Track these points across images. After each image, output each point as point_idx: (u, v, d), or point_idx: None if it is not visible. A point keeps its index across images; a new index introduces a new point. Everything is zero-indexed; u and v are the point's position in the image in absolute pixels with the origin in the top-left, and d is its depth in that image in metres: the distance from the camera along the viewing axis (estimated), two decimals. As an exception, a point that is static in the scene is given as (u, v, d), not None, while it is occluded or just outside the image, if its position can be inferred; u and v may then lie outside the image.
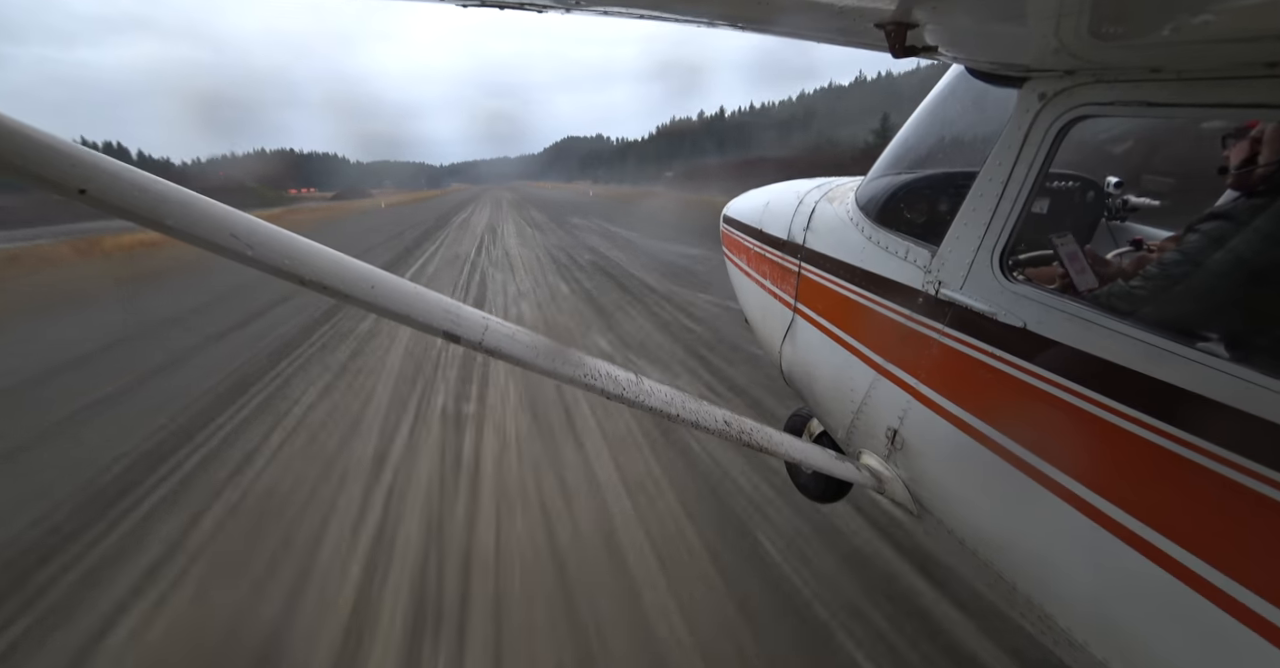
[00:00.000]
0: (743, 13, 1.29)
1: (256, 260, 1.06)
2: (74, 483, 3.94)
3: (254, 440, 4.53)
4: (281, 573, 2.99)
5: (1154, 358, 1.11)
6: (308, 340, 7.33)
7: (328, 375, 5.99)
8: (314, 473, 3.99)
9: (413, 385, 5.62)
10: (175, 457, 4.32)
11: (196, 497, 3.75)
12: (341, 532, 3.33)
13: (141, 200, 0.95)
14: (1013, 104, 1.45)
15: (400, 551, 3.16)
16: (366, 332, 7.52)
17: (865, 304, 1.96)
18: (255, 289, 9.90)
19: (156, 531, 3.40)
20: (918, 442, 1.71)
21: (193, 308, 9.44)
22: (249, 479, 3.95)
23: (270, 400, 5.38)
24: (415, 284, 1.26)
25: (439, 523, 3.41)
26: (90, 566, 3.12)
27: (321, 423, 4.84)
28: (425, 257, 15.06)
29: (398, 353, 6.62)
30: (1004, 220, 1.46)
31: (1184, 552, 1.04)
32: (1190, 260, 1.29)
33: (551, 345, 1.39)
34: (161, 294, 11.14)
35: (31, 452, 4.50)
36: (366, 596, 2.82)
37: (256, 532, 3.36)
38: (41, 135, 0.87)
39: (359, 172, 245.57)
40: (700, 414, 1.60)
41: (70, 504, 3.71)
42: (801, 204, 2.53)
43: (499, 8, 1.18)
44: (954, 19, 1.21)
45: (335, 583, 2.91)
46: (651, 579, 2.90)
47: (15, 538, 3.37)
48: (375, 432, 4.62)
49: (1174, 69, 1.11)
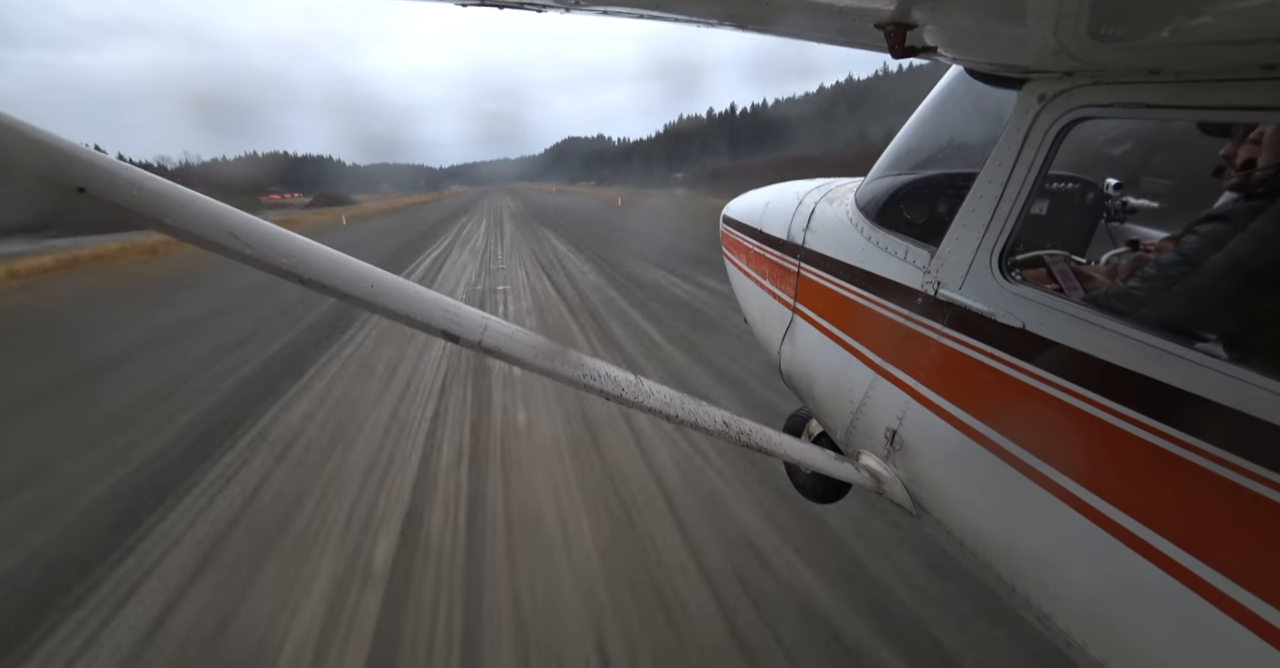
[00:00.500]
0: (743, 13, 1.29)
1: (255, 259, 1.05)
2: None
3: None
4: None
5: (1152, 359, 1.11)
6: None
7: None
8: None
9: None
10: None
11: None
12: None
13: (139, 199, 0.95)
14: (1012, 105, 1.45)
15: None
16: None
17: (864, 304, 1.96)
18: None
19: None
20: (916, 442, 1.71)
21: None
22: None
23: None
24: (414, 283, 1.26)
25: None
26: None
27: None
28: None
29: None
30: (1003, 221, 1.46)
31: (1182, 553, 1.04)
32: (1188, 262, 1.29)
33: (550, 346, 1.39)
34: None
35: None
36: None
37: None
38: (40, 134, 0.86)
39: (355, 175, 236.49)
40: (699, 415, 1.60)
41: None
42: (801, 204, 2.53)
43: (498, 7, 1.18)
44: (953, 20, 1.21)
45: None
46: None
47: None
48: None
49: (1173, 71, 1.11)
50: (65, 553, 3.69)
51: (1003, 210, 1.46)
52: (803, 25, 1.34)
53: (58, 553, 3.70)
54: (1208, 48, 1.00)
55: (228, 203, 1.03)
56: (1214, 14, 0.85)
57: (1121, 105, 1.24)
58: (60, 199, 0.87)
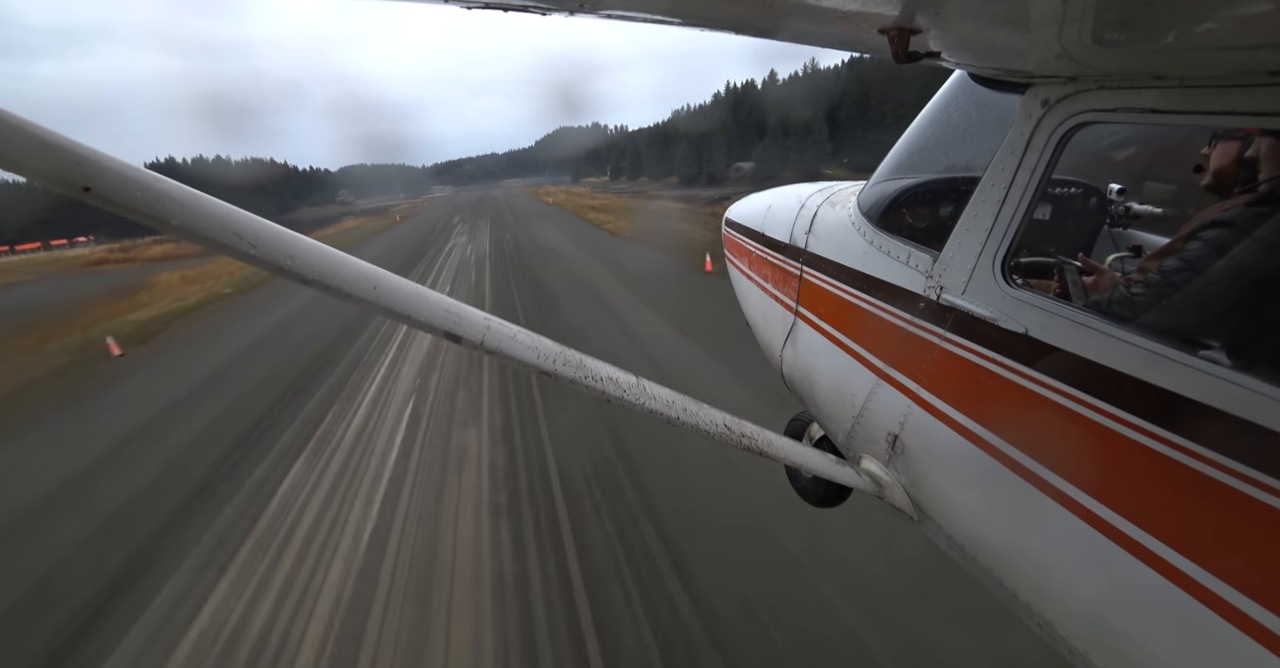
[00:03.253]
0: (747, 18, 1.29)
1: (259, 259, 1.06)
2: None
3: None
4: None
5: (1156, 365, 1.10)
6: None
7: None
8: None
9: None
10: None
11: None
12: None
13: (144, 198, 0.95)
14: (1015, 110, 1.45)
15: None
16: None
17: (867, 308, 1.96)
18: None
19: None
20: (918, 447, 1.71)
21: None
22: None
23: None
24: (417, 284, 1.26)
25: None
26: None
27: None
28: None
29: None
30: (1006, 226, 1.46)
31: (1186, 561, 1.03)
32: (1192, 268, 1.28)
33: (553, 346, 1.39)
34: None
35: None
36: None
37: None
38: (46, 133, 0.87)
39: (324, 181, 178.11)
40: (700, 417, 1.60)
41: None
42: (804, 208, 2.53)
43: (503, 9, 1.18)
44: (956, 25, 1.22)
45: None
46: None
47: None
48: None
49: (1177, 76, 1.11)
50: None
51: (1005, 215, 1.46)
52: (806, 31, 1.34)
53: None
54: (1212, 53, 1.00)
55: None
56: (1218, 20, 0.85)
57: (1125, 110, 1.24)
58: (67, 198, 0.88)
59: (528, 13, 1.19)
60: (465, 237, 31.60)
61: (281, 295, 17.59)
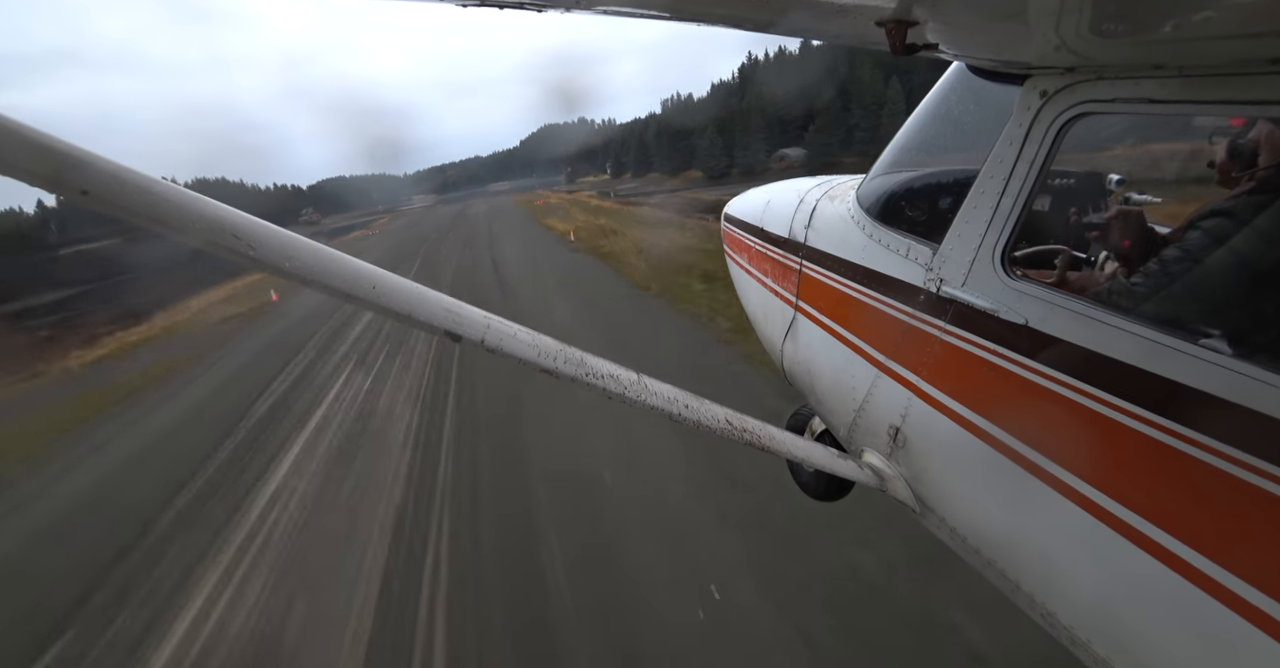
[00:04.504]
0: (744, 13, 1.28)
1: (259, 261, 1.06)
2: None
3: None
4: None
5: (1156, 354, 1.10)
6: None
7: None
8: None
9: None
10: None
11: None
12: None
13: (143, 201, 0.95)
14: (1014, 102, 1.44)
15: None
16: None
17: (867, 302, 1.95)
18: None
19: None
20: (920, 439, 1.71)
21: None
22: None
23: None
24: (417, 284, 1.26)
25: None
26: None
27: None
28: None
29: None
30: (1005, 218, 1.46)
31: (1187, 549, 1.04)
32: (1191, 257, 1.28)
33: (553, 344, 1.39)
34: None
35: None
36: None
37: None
38: (43, 137, 0.87)
39: (291, 200, 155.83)
40: (702, 413, 1.60)
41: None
42: (803, 202, 2.52)
43: (498, 7, 1.18)
44: (954, 17, 1.21)
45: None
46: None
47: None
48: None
49: (1176, 66, 1.11)
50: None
51: (1005, 207, 1.45)
52: (804, 24, 1.34)
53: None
54: (1211, 42, 1.00)
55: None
56: (1217, 9, 0.85)
57: (1124, 101, 1.23)
58: (66, 201, 0.87)
59: (523, 9, 1.19)
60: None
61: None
